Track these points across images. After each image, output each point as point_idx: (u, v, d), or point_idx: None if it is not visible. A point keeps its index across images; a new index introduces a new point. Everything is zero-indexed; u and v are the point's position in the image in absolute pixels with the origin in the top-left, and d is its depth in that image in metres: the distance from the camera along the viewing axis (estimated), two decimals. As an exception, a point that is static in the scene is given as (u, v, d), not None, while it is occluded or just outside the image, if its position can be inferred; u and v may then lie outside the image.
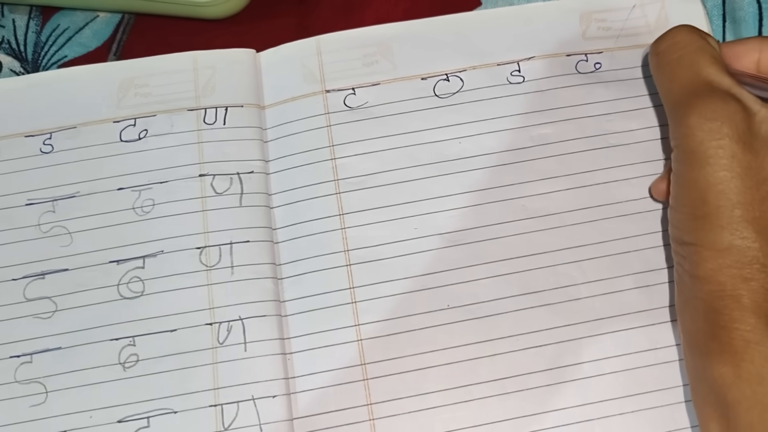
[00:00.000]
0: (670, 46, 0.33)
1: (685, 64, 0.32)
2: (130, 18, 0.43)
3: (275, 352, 0.35)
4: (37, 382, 0.35)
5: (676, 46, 0.33)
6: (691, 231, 0.30)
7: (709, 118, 0.30)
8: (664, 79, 0.33)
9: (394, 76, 0.40)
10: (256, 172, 0.38)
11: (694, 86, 0.31)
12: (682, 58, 0.32)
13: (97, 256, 0.37)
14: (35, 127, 0.39)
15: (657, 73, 0.34)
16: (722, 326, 0.29)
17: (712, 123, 0.30)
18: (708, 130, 0.30)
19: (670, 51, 0.33)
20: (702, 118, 0.30)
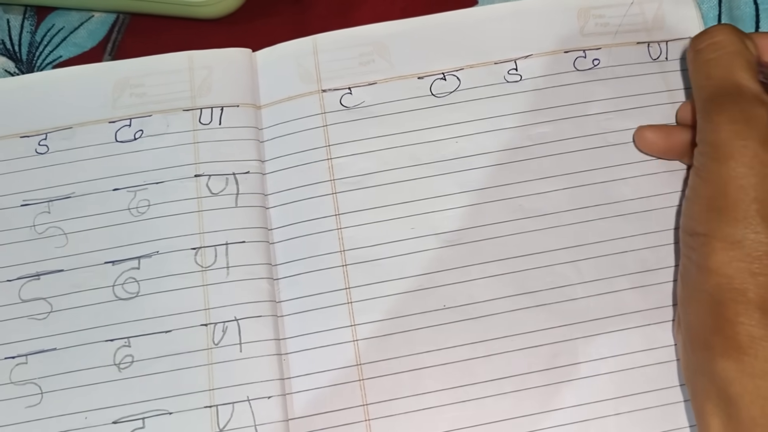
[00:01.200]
0: (709, 45, 0.34)
1: (721, 65, 0.33)
2: (126, 18, 0.43)
3: (271, 352, 0.35)
4: (32, 383, 0.35)
5: (715, 46, 0.33)
6: (705, 222, 0.31)
7: (736, 119, 0.31)
8: (698, 76, 0.34)
9: (391, 75, 0.40)
10: (252, 172, 0.38)
11: (725, 88, 0.32)
12: (718, 59, 0.33)
13: (93, 256, 0.37)
14: (30, 127, 0.39)
15: (693, 69, 0.34)
16: (727, 319, 0.29)
17: (738, 124, 0.30)
18: (734, 130, 0.30)
19: (709, 50, 0.34)
20: (729, 118, 0.31)
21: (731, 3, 0.42)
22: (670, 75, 0.39)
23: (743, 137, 0.30)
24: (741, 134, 0.30)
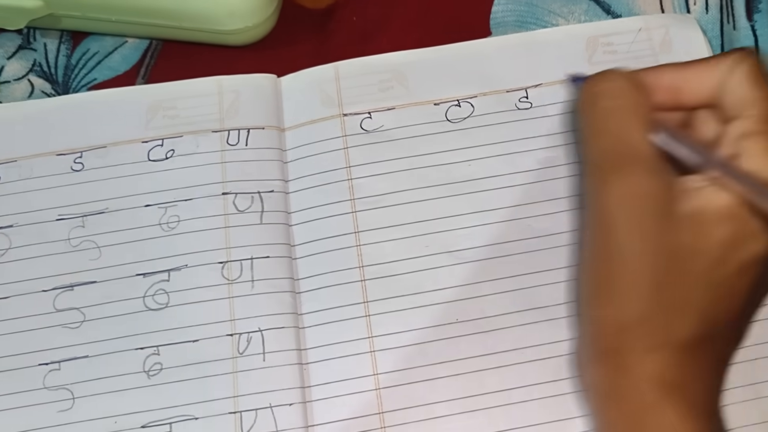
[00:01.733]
0: (604, 91, 0.31)
1: (615, 119, 0.30)
2: (158, 44, 0.45)
3: (292, 362, 0.37)
4: (64, 389, 0.37)
5: (611, 94, 0.31)
6: (596, 298, 0.30)
7: (625, 192, 0.29)
8: (589, 131, 0.31)
9: (409, 101, 0.42)
10: (276, 191, 0.40)
11: (618, 149, 0.29)
12: (613, 110, 0.30)
13: (124, 269, 0.39)
14: (66, 146, 0.41)
15: (584, 116, 0.31)
16: (622, 394, 0.29)
17: (629, 197, 0.29)
18: (622, 202, 0.29)
19: (604, 97, 0.31)
20: (620, 189, 0.29)
21: (731, 35, 0.44)
22: (675, 103, 0.42)
23: (633, 209, 0.28)
24: (631, 206, 0.28)
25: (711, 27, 0.44)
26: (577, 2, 0.45)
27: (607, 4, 0.45)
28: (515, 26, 0.45)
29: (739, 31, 0.44)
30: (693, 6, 0.45)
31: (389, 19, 0.46)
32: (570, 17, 0.45)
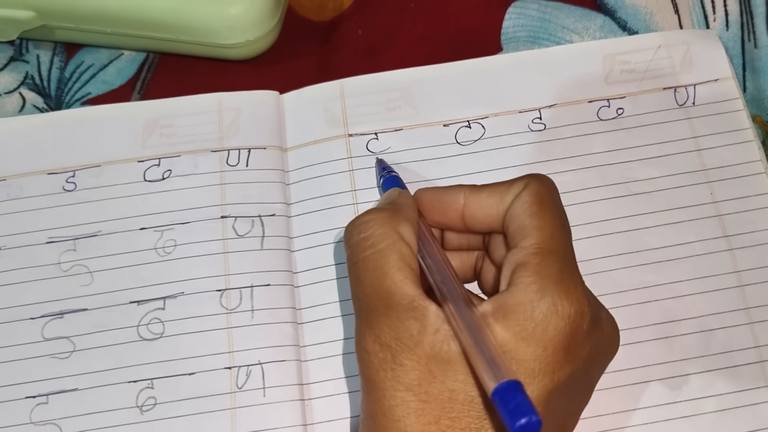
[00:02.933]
0: (359, 242, 0.30)
1: (371, 267, 0.29)
2: (155, 57, 0.44)
3: (294, 398, 0.35)
4: (52, 424, 0.35)
5: (365, 243, 0.30)
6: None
7: (383, 344, 0.27)
8: (351, 280, 0.30)
9: (417, 122, 0.40)
10: (277, 215, 0.38)
11: (375, 298, 0.28)
12: (368, 259, 0.29)
13: (118, 296, 0.37)
14: (59, 164, 0.40)
15: (348, 269, 0.31)
16: None
17: (386, 351, 0.27)
18: (383, 357, 0.27)
19: (359, 248, 0.30)
20: (377, 344, 0.27)
21: (753, 54, 0.42)
22: (696, 121, 0.40)
23: (392, 365, 0.27)
24: (390, 362, 0.27)
25: (732, 45, 0.43)
26: (592, 18, 0.44)
27: (624, 20, 0.43)
28: (527, 42, 0.43)
29: (760, 50, 0.42)
30: (713, 23, 0.43)
31: (396, 33, 0.44)
32: (584, 33, 0.43)
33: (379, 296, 0.28)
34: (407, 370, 0.27)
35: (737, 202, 0.38)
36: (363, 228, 0.30)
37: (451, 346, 0.27)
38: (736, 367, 0.35)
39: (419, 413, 0.26)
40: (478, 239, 0.33)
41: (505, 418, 0.24)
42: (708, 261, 0.37)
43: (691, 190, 0.39)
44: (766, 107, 0.41)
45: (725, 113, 0.40)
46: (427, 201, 0.32)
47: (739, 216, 0.38)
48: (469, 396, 0.26)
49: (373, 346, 0.28)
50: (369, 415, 0.28)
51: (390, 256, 0.29)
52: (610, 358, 0.30)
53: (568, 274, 0.28)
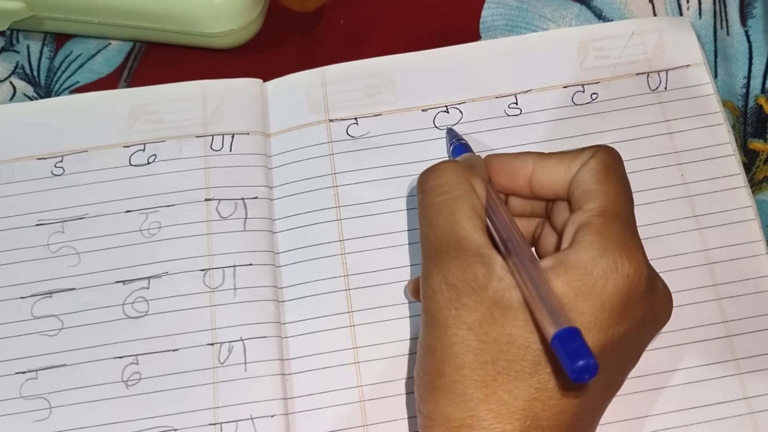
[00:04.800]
0: (434, 188, 0.31)
1: (444, 212, 0.30)
2: (142, 46, 0.45)
3: (275, 372, 0.36)
4: (41, 398, 0.36)
5: (440, 189, 0.31)
6: (427, 402, 0.29)
7: (450, 284, 0.28)
8: (422, 223, 0.31)
9: (396, 107, 0.41)
10: (260, 197, 0.40)
11: (445, 240, 0.30)
12: (441, 204, 0.30)
13: (104, 276, 0.38)
14: (47, 150, 0.41)
15: (418, 213, 0.32)
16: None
17: (452, 290, 0.28)
18: (448, 297, 0.28)
19: (433, 193, 0.31)
20: (444, 283, 0.29)
21: (725, 41, 0.43)
22: (668, 105, 0.41)
23: (457, 305, 0.28)
24: (455, 302, 0.28)
25: (704, 32, 0.44)
26: (569, 6, 0.45)
27: (599, 9, 0.45)
28: (505, 31, 0.44)
29: (732, 37, 0.43)
30: (686, 11, 0.44)
31: (378, 23, 0.45)
32: (561, 21, 0.44)
33: (449, 239, 0.29)
34: (470, 310, 0.28)
35: (707, 183, 0.39)
36: (439, 174, 0.32)
37: (512, 294, 0.28)
38: (705, 342, 0.36)
39: (478, 352, 0.27)
40: (541, 206, 0.34)
41: (563, 361, 0.25)
42: (678, 240, 0.38)
43: (662, 172, 0.40)
44: (737, 93, 0.42)
45: (696, 98, 0.41)
46: (496, 166, 0.33)
47: (709, 196, 0.39)
48: (526, 341, 0.27)
49: (439, 284, 0.29)
50: (428, 351, 0.29)
51: (462, 204, 0.30)
52: (661, 325, 0.32)
53: (630, 236, 0.29)
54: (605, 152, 0.31)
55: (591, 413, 0.30)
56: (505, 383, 0.27)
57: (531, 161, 0.32)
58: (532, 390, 0.27)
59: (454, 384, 0.28)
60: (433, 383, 0.29)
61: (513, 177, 0.33)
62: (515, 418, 0.27)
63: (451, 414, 0.28)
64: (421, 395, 0.29)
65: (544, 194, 0.33)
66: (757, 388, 0.36)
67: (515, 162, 0.33)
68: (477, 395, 0.27)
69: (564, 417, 0.28)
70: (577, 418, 0.28)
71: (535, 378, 0.27)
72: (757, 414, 0.35)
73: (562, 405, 0.28)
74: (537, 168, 0.32)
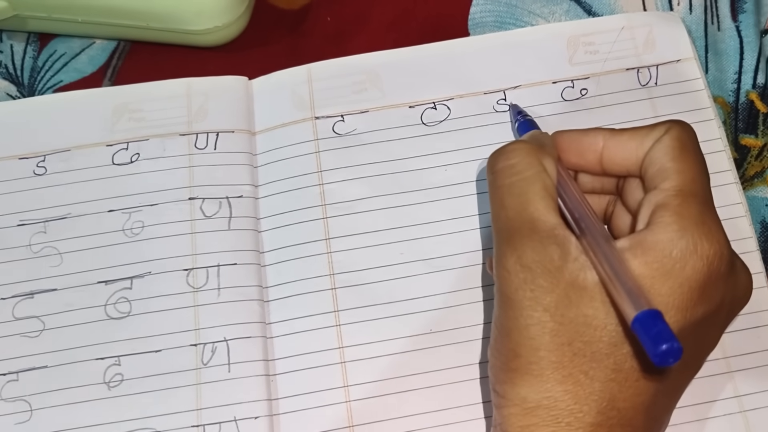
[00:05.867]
0: (505, 168, 0.31)
1: (515, 193, 0.30)
2: (126, 45, 0.44)
3: (259, 373, 0.36)
4: (22, 400, 0.35)
5: (512, 170, 0.31)
6: (503, 383, 0.29)
7: (525, 265, 0.28)
8: (494, 204, 0.31)
9: (383, 103, 0.41)
10: (245, 196, 0.39)
11: (518, 222, 0.29)
12: (513, 185, 0.30)
13: (86, 276, 0.37)
14: (29, 149, 0.40)
15: (489, 194, 0.32)
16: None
17: (527, 271, 0.28)
18: (523, 278, 0.28)
19: (504, 174, 0.31)
20: (518, 264, 0.28)
21: (716, 36, 0.43)
22: (658, 100, 0.40)
23: (532, 286, 0.28)
24: (530, 283, 0.28)
25: (695, 27, 0.43)
26: (558, 2, 0.44)
27: (589, 5, 0.44)
28: (494, 27, 0.44)
29: (723, 32, 0.43)
30: (676, 6, 0.44)
31: (365, 20, 0.45)
32: (550, 18, 0.44)
33: (522, 220, 0.29)
34: (546, 292, 0.28)
35: (697, 179, 0.39)
36: (510, 156, 0.31)
37: (588, 275, 0.28)
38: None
39: (554, 333, 0.27)
40: (612, 183, 0.33)
41: (646, 344, 0.25)
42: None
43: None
44: (728, 88, 0.42)
45: (686, 93, 0.41)
46: (565, 142, 0.33)
47: (699, 192, 0.38)
48: (602, 322, 0.27)
49: (514, 266, 0.28)
50: (504, 332, 0.29)
51: (535, 184, 0.30)
52: (740, 307, 0.31)
53: (709, 216, 0.28)
54: (680, 128, 0.30)
55: (668, 396, 0.30)
56: (581, 364, 0.27)
57: (601, 137, 0.32)
58: (609, 371, 0.27)
59: (531, 365, 0.28)
60: (508, 364, 0.28)
61: (583, 154, 0.32)
62: (592, 399, 0.27)
63: (528, 395, 0.28)
64: (497, 375, 0.29)
65: (616, 171, 0.32)
66: (748, 386, 0.35)
67: (585, 138, 0.32)
68: (553, 376, 0.27)
69: (641, 399, 0.28)
70: (654, 401, 0.28)
71: (611, 359, 0.27)
72: (748, 412, 0.35)
73: (639, 387, 0.27)
74: (608, 144, 0.32)
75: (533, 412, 0.28)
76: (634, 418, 0.28)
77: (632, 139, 0.31)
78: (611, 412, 0.27)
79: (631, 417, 0.28)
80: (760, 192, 0.40)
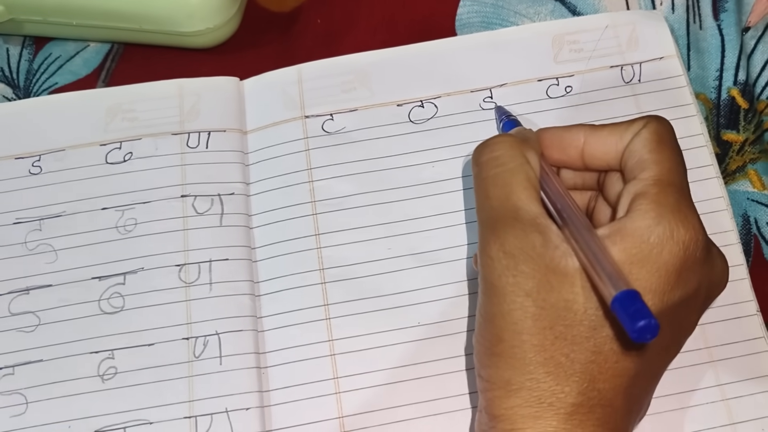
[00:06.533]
0: (489, 161, 0.32)
1: (499, 184, 0.31)
2: (120, 47, 0.45)
3: (250, 365, 0.36)
4: (18, 393, 0.36)
5: (495, 162, 0.32)
6: (487, 367, 0.30)
7: (507, 252, 0.29)
8: (478, 194, 0.32)
9: (372, 102, 0.42)
10: (236, 193, 0.40)
11: (501, 211, 0.30)
12: (497, 176, 0.31)
13: (81, 272, 0.38)
14: (25, 149, 0.41)
15: (474, 185, 0.33)
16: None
17: (509, 258, 0.29)
18: (506, 264, 0.29)
19: (488, 166, 0.32)
20: (501, 251, 0.29)
21: (698, 35, 0.44)
22: (642, 97, 0.41)
23: (515, 272, 0.29)
24: (512, 269, 0.29)
25: (677, 26, 0.44)
26: (543, 3, 0.45)
27: (573, 5, 0.45)
28: (481, 27, 0.45)
29: (705, 31, 0.44)
30: (659, 5, 0.45)
31: (354, 22, 0.46)
32: (536, 18, 0.45)
33: (505, 210, 0.30)
34: (528, 277, 0.29)
35: (680, 173, 0.39)
36: (494, 148, 0.32)
37: (569, 261, 0.29)
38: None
39: (536, 318, 0.28)
40: (593, 178, 0.34)
41: (624, 322, 0.26)
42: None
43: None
44: (710, 85, 0.43)
45: (669, 90, 0.41)
46: (548, 139, 0.34)
47: (682, 186, 0.39)
48: (583, 306, 0.28)
49: (497, 253, 0.29)
50: (487, 318, 0.30)
51: (518, 176, 0.31)
52: (717, 293, 0.32)
53: (685, 204, 0.29)
54: (657, 122, 0.31)
55: (648, 378, 0.30)
56: (562, 347, 0.28)
57: (582, 133, 0.33)
58: (589, 353, 0.28)
59: (514, 349, 0.29)
60: (492, 349, 0.29)
61: (565, 149, 0.33)
62: (573, 380, 0.28)
63: (511, 377, 0.29)
64: (481, 361, 0.30)
65: (597, 165, 0.33)
66: (729, 375, 0.36)
67: (567, 135, 0.33)
68: (536, 359, 0.28)
69: (621, 380, 0.28)
70: (634, 382, 0.29)
71: (591, 342, 0.28)
72: (730, 401, 0.35)
73: (618, 368, 0.28)
74: (589, 140, 0.33)
75: (517, 394, 0.28)
76: (614, 398, 0.28)
77: (612, 134, 0.32)
78: (592, 393, 0.28)
79: (611, 398, 0.28)
80: (742, 186, 0.41)
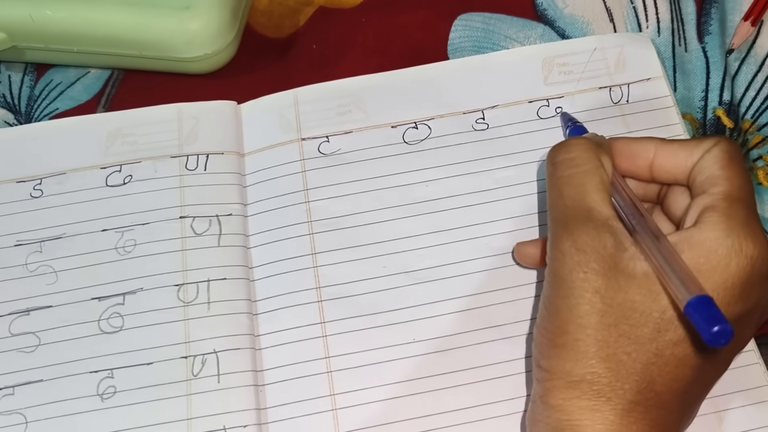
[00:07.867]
0: (565, 161, 0.33)
1: (574, 184, 0.32)
2: (119, 73, 0.46)
3: (248, 383, 0.37)
4: (18, 413, 0.36)
5: (571, 163, 0.33)
6: (548, 357, 0.31)
7: (579, 248, 0.30)
8: (552, 193, 0.33)
9: (366, 124, 0.43)
10: (234, 214, 0.40)
11: (575, 210, 0.31)
12: (572, 176, 0.32)
13: (80, 293, 0.39)
14: (26, 173, 0.42)
15: (548, 184, 0.34)
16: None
17: (581, 254, 0.30)
18: (577, 260, 0.30)
19: (564, 166, 0.33)
20: (574, 247, 0.30)
21: (683, 57, 0.45)
22: (630, 117, 0.42)
23: (585, 269, 0.30)
24: (583, 265, 0.30)
25: (663, 49, 0.45)
26: (533, 27, 0.46)
27: (562, 29, 0.46)
28: (472, 52, 0.46)
29: (690, 53, 0.45)
30: (645, 29, 0.46)
31: (349, 47, 0.47)
32: (526, 42, 0.46)
33: (579, 209, 0.31)
34: (598, 275, 0.29)
35: (668, 190, 0.40)
36: (570, 149, 0.34)
37: (637, 264, 0.30)
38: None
39: (602, 314, 0.29)
40: (654, 191, 0.35)
41: (699, 326, 0.26)
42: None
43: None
44: (696, 105, 0.44)
45: (657, 110, 0.42)
46: (617, 148, 0.35)
47: (670, 203, 0.40)
48: (648, 309, 0.29)
49: (569, 248, 0.30)
50: (552, 310, 0.31)
51: (592, 177, 0.32)
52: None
53: (754, 220, 0.30)
54: (727, 142, 0.32)
55: (701, 386, 0.31)
56: (625, 345, 0.29)
57: (653, 146, 0.34)
58: (651, 355, 0.29)
59: (577, 342, 0.29)
60: (555, 340, 0.30)
61: (634, 160, 0.34)
62: (632, 378, 0.29)
63: (573, 369, 0.29)
64: (542, 351, 0.31)
65: (663, 178, 0.34)
66: (721, 388, 0.36)
67: (637, 146, 0.34)
68: (599, 354, 0.29)
69: (678, 385, 0.29)
70: (689, 388, 0.30)
71: (654, 344, 0.29)
72: (722, 413, 0.36)
73: (676, 373, 0.29)
74: (659, 153, 0.34)
75: (576, 386, 0.29)
76: (669, 402, 0.29)
77: (682, 149, 0.33)
78: (649, 394, 0.29)
79: (667, 401, 0.29)
80: (730, 203, 0.41)
